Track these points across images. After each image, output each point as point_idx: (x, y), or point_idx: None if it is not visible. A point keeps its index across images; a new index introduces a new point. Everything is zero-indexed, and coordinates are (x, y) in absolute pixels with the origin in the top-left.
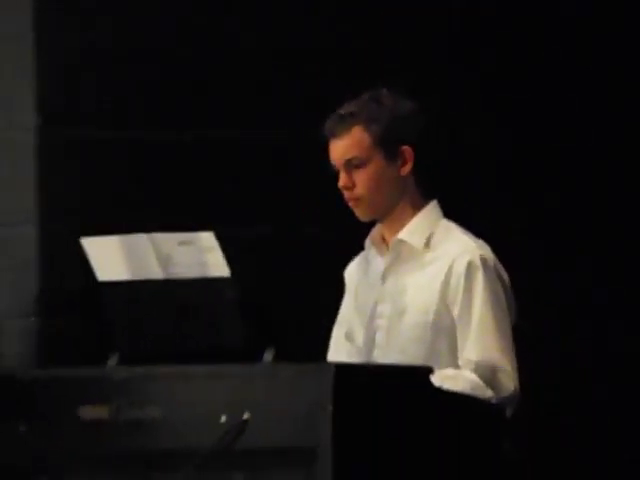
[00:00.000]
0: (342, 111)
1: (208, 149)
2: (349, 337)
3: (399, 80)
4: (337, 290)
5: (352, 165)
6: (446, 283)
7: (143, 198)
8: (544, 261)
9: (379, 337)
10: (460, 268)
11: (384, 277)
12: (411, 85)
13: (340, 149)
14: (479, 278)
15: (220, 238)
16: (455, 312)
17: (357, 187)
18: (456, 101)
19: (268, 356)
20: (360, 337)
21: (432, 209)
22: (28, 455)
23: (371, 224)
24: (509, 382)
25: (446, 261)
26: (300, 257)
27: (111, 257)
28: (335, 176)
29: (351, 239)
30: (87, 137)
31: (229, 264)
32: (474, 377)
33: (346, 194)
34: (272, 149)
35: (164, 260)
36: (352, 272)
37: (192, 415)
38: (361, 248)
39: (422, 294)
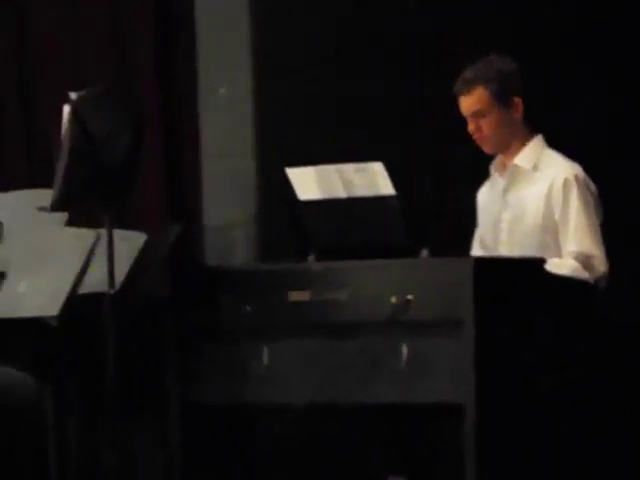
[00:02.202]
0: (466, 75)
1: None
2: (481, 240)
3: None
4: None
5: (478, 115)
6: (549, 195)
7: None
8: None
9: (503, 236)
10: (558, 184)
11: (504, 192)
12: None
13: (467, 104)
14: (573, 191)
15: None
16: (556, 216)
17: (483, 131)
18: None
19: (425, 252)
20: (489, 239)
21: (538, 141)
22: (250, 328)
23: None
24: (600, 266)
25: (549, 179)
26: (452, 177)
27: (308, 182)
28: (465, 122)
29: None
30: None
31: (394, 185)
32: (574, 263)
33: (475, 136)
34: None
35: (346, 184)
36: (482, 192)
37: (370, 296)
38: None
39: (533, 203)
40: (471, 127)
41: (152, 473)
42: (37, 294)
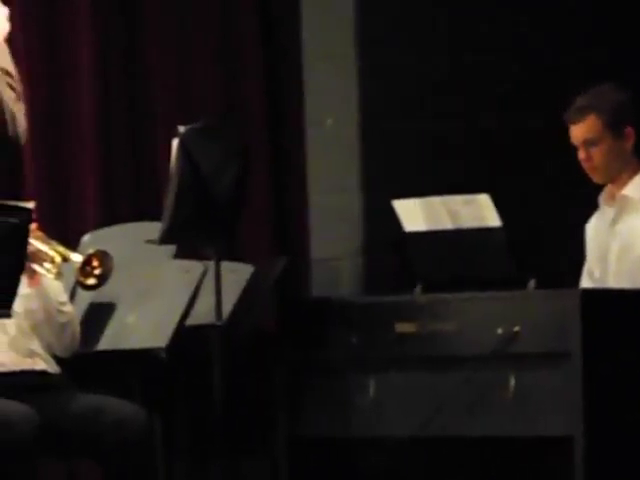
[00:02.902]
0: (578, 103)
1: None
2: (589, 273)
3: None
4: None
5: (588, 144)
6: None
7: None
8: None
9: (611, 268)
10: None
11: (613, 222)
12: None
13: (579, 133)
14: None
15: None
16: None
17: (593, 160)
18: None
19: (532, 284)
20: (597, 270)
21: None
22: (356, 360)
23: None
24: None
25: None
26: (559, 208)
27: (414, 214)
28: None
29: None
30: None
31: (501, 217)
32: None
33: (585, 165)
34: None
35: (452, 215)
36: (590, 224)
37: (476, 328)
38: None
39: None
40: (581, 156)
41: None
42: (145, 326)
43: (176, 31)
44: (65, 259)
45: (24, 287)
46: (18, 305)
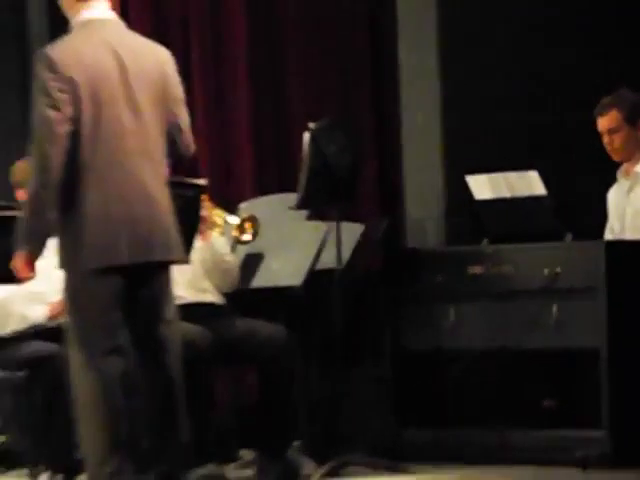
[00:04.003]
0: (604, 101)
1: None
2: (611, 229)
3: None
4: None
5: (611, 131)
6: None
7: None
8: None
9: (627, 225)
10: None
11: (628, 191)
12: None
13: (605, 123)
14: None
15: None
16: None
17: (614, 143)
18: None
19: (569, 237)
20: (616, 227)
21: None
22: (440, 293)
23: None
24: None
25: None
26: (588, 182)
27: (482, 186)
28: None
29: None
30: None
31: (547, 187)
32: None
33: (608, 148)
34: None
35: (510, 187)
36: (611, 193)
37: (529, 270)
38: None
39: None
40: (605, 140)
41: (371, 402)
42: (286, 270)
43: (306, 49)
44: (226, 222)
45: (198, 242)
46: (194, 255)
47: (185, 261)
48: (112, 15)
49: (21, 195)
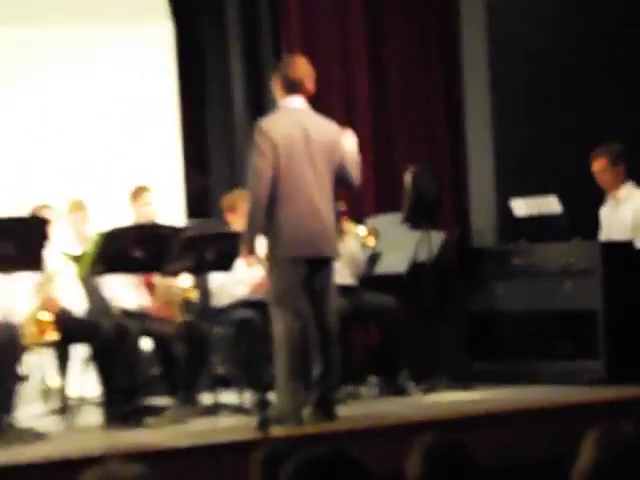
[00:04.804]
0: (595, 151)
1: None
2: (604, 235)
3: None
4: None
5: (600, 172)
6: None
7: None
8: None
9: (613, 234)
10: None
11: (615, 209)
12: None
13: (595, 166)
14: None
15: None
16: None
17: (602, 180)
18: None
19: (578, 238)
20: (607, 234)
21: (629, 184)
22: (495, 274)
23: None
24: None
25: (632, 205)
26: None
27: (520, 205)
28: None
29: None
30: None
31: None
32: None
33: (598, 181)
34: None
35: (538, 206)
36: (602, 210)
37: (550, 259)
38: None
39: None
40: (597, 177)
41: (451, 344)
42: (396, 262)
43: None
44: (357, 232)
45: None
46: (341, 254)
47: (337, 258)
48: (304, 105)
49: (229, 217)
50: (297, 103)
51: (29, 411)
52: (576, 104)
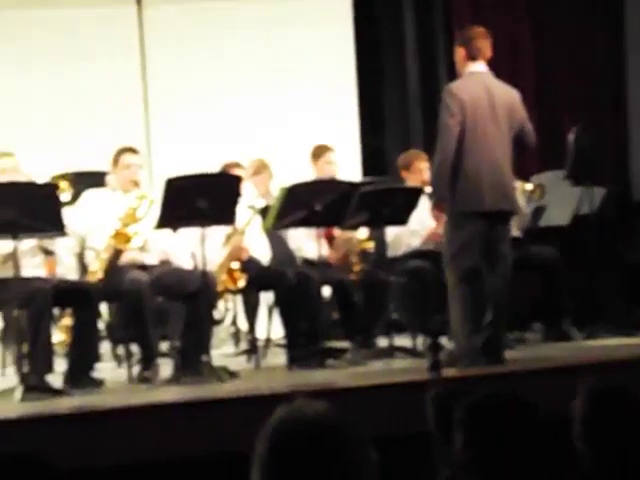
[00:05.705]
0: None
1: None
2: None
3: None
4: None
5: None
6: None
7: None
8: None
9: None
10: None
11: None
12: None
13: None
14: None
15: None
16: None
17: None
18: None
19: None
20: None
21: None
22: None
23: None
24: None
25: None
26: None
27: None
28: None
29: None
30: None
31: None
32: None
33: None
34: None
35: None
36: None
37: None
38: None
39: None
40: None
41: (610, 291)
42: (559, 214)
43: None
44: (524, 188)
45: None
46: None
47: (517, 212)
48: (486, 69)
49: (404, 174)
50: (480, 67)
51: (222, 351)
52: None
